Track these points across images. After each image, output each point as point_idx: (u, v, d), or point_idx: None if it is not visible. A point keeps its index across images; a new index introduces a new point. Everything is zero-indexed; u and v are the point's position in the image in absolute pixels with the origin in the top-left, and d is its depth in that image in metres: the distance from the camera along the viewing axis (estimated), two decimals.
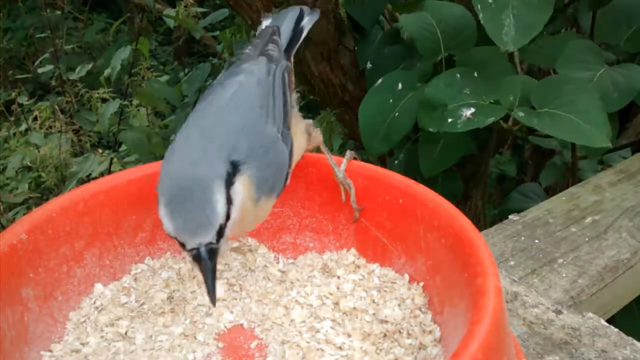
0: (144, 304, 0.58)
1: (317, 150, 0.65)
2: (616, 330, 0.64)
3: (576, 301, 0.70)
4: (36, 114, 2.09)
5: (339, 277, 0.60)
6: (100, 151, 1.98)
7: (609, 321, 0.67)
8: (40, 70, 2.32)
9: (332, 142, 1.66)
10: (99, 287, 0.59)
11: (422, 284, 0.57)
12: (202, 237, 0.47)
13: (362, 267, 0.62)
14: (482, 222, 1.54)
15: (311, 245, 0.65)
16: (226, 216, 0.48)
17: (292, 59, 0.65)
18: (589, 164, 1.63)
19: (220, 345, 0.55)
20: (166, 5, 2.45)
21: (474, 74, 1.04)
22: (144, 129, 1.97)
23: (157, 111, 2.35)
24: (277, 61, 0.61)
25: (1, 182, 2.28)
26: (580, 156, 1.40)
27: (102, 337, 0.55)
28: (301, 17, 0.68)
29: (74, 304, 0.57)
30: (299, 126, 0.61)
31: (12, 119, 2.32)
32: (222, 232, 0.48)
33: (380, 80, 1.16)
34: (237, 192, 0.49)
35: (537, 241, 0.81)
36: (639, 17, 1.12)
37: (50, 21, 2.41)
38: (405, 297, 0.57)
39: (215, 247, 0.47)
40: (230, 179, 0.49)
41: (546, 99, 0.97)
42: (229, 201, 0.48)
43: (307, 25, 0.69)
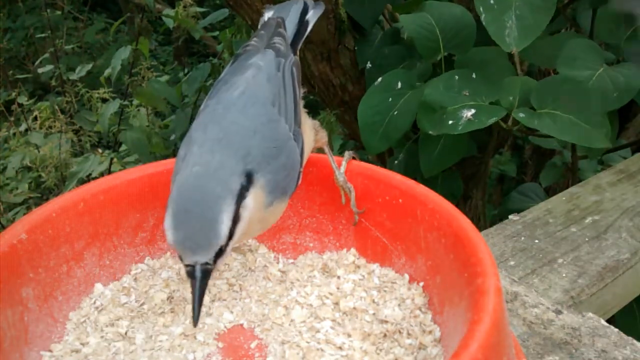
0: (144, 304, 0.58)
1: (318, 150, 0.65)
2: (616, 330, 0.64)
3: (576, 301, 0.70)
4: (36, 114, 2.09)
5: (339, 277, 0.60)
6: (100, 151, 1.98)
7: (609, 321, 0.67)
8: (40, 70, 2.32)
9: (332, 142, 1.66)
10: (99, 287, 0.59)
11: (422, 284, 0.57)
12: (199, 257, 0.46)
13: (362, 267, 0.62)
14: (482, 222, 1.54)
15: (311, 245, 0.65)
16: (228, 236, 0.47)
17: (298, 54, 0.64)
18: (589, 164, 1.63)
19: (220, 345, 0.55)
20: (166, 5, 2.45)
21: (472, 76, 1.04)
22: (144, 129, 1.97)
23: (157, 111, 2.35)
24: (285, 55, 0.59)
25: (1, 182, 2.28)
26: (580, 156, 1.40)
27: (102, 337, 0.55)
28: (305, 10, 0.66)
29: (74, 304, 0.57)
30: (307, 122, 0.61)
31: (12, 119, 2.32)
32: (221, 253, 0.47)
33: (379, 79, 1.16)
34: (246, 206, 0.48)
35: (537, 241, 0.81)
36: (639, 17, 1.12)
37: (50, 21, 2.41)
38: (405, 297, 0.57)
39: (210, 268, 0.47)
40: (243, 193, 0.48)
41: (546, 99, 0.97)
42: (236, 220, 0.47)
43: (312, 18, 0.67)
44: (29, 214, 0.56)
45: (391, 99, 1.13)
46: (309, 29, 0.67)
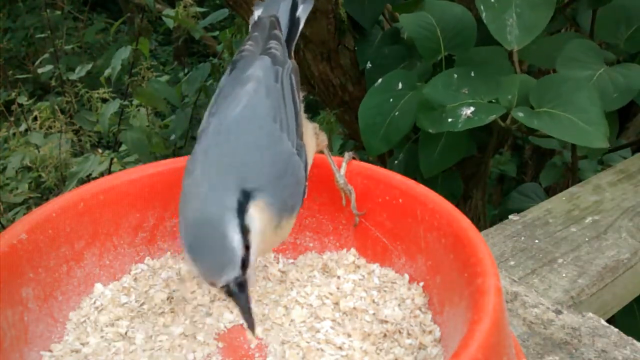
0: (144, 304, 0.58)
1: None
2: (616, 330, 0.64)
3: (576, 301, 0.70)
4: (36, 114, 2.09)
5: (339, 277, 0.60)
6: (100, 151, 1.98)
7: (609, 321, 0.67)
8: (40, 70, 2.32)
9: (332, 142, 1.66)
10: (99, 287, 0.59)
11: (422, 284, 0.57)
12: (227, 275, 0.47)
13: (362, 267, 0.62)
14: (482, 222, 1.54)
15: (311, 245, 0.65)
16: (245, 247, 0.47)
17: (292, 55, 0.63)
18: (589, 164, 1.63)
19: (220, 345, 0.55)
20: (166, 5, 2.45)
21: (471, 74, 1.04)
22: (144, 129, 1.97)
23: (157, 111, 2.35)
24: (282, 63, 0.58)
25: (1, 182, 2.28)
26: (580, 156, 1.40)
27: (102, 337, 0.55)
28: (295, 7, 0.65)
29: (74, 304, 0.57)
30: (308, 131, 0.60)
31: (12, 119, 2.32)
32: (245, 263, 0.47)
33: (380, 80, 1.16)
34: (252, 217, 0.48)
35: (537, 241, 0.81)
36: (639, 17, 1.12)
37: (50, 21, 2.41)
38: (405, 297, 0.57)
39: (243, 280, 0.47)
40: (242, 208, 0.48)
41: (545, 98, 0.97)
42: (245, 230, 0.47)
43: (303, 15, 0.65)
44: (29, 214, 0.56)
45: (392, 100, 1.13)
46: (301, 26, 0.65)
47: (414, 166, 1.24)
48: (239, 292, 0.48)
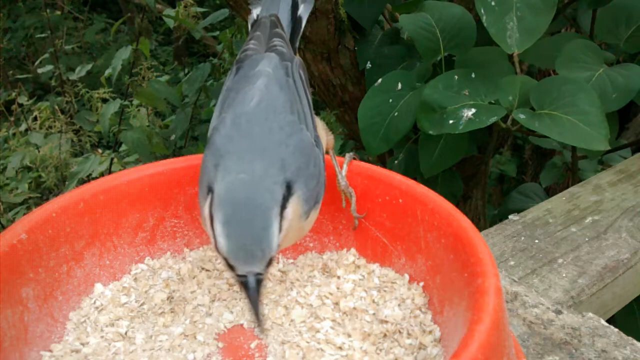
0: (144, 304, 0.58)
1: None
2: (616, 330, 0.64)
3: (576, 301, 0.70)
4: (36, 114, 2.09)
5: (339, 277, 0.60)
6: (100, 151, 1.98)
7: (609, 321, 0.67)
8: (40, 70, 2.32)
9: None
10: (99, 287, 0.59)
11: (422, 284, 0.57)
12: (253, 267, 0.45)
13: (362, 267, 0.62)
14: (482, 222, 1.54)
15: (311, 245, 0.65)
16: (277, 245, 0.46)
17: (297, 54, 0.62)
18: (589, 164, 1.63)
19: (220, 345, 0.55)
20: (166, 5, 2.45)
21: (472, 75, 1.04)
22: (144, 129, 1.97)
23: (157, 111, 2.35)
24: (289, 59, 0.57)
25: (1, 182, 2.28)
26: (580, 156, 1.40)
27: (102, 337, 0.55)
28: (295, 6, 0.64)
29: (74, 304, 0.57)
30: (319, 125, 0.59)
31: (12, 119, 2.32)
32: (271, 263, 0.46)
33: (380, 80, 1.16)
34: (286, 217, 0.47)
35: (537, 241, 0.81)
36: (638, 17, 1.12)
37: (50, 21, 2.41)
38: (405, 297, 0.57)
39: (262, 277, 0.46)
40: (284, 203, 0.47)
41: (545, 99, 0.97)
42: (280, 230, 0.46)
43: (304, 14, 0.64)
44: (29, 214, 0.56)
45: (391, 100, 1.13)
46: (303, 26, 0.65)
47: (414, 166, 1.24)
48: (255, 287, 0.46)
